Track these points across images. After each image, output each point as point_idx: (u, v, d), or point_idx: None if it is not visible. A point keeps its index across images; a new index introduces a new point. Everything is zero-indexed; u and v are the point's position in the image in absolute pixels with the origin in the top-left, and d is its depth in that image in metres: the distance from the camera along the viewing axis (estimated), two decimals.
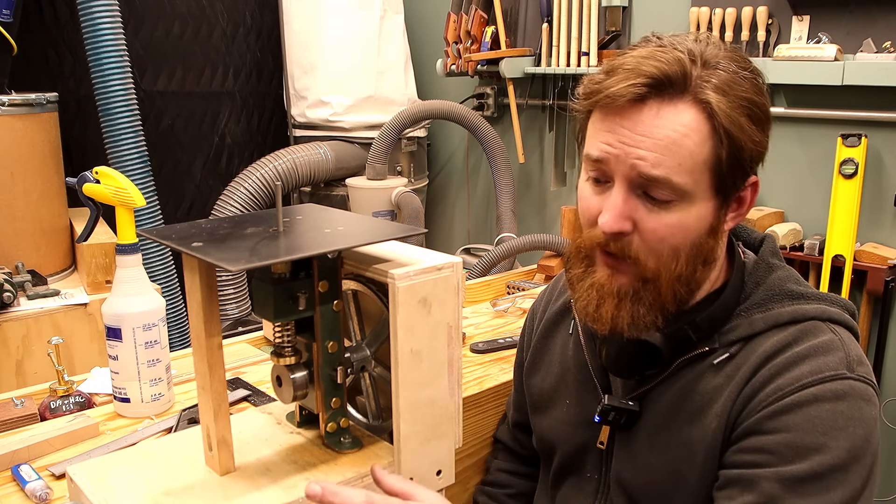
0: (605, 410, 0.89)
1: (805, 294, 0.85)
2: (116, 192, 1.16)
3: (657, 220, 0.78)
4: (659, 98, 0.76)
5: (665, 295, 0.81)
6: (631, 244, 0.80)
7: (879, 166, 2.12)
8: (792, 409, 0.77)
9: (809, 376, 0.78)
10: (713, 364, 0.84)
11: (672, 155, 0.75)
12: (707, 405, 0.83)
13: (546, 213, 3.13)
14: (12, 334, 1.90)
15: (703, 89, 0.75)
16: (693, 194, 0.77)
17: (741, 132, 0.76)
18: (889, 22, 2.03)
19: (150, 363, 1.16)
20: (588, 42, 2.68)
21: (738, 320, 0.84)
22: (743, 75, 0.77)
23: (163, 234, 0.78)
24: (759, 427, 0.79)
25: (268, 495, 0.77)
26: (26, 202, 2.12)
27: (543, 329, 1.05)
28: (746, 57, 0.81)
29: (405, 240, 0.83)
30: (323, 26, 3.00)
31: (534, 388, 1.05)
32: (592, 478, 0.95)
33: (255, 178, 2.84)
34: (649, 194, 0.78)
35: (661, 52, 0.76)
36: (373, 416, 0.92)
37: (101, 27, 2.35)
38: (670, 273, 0.80)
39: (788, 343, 0.81)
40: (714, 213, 0.80)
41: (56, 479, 1.00)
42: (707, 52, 0.78)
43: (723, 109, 0.75)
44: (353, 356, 0.85)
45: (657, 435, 0.87)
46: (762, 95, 0.79)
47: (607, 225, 0.79)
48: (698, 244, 0.80)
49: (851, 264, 2.06)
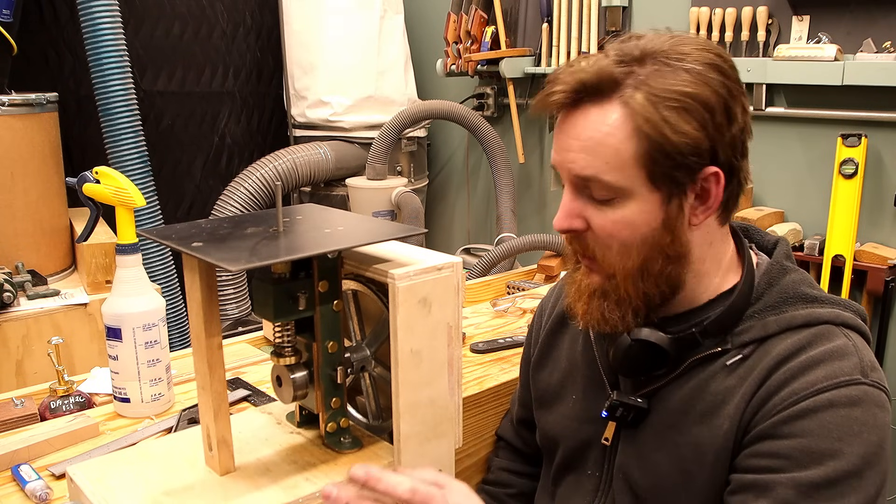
0: (612, 406, 0.89)
1: (819, 298, 0.85)
2: (116, 192, 1.16)
3: (603, 217, 0.81)
4: (589, 102, 0.80)
5: (627, 291, 0.84)
6: (588, 243, 0.84)
7: (879, 166, 2.12)
8: (807, 414, 0.77)
9: (824, 381, 0.78)
10: (726, 365, 0.84)
11: (597, 155, 0.79)
12: (719, 406, 0.83)
13: (546, 213, 3.13)
14: (12, 334, 1.90)
15: (629, 88, 0.78)
16: (630, 190, 0.79)
17: (665, 126, 0.76)
18: (889, 22, 2.03)
19: (150, 363, 1.16)
20: (588, 42, 2.68)
21: (752, 322, 0.84)
22: (682, 66, 0.78)
23: (163, 234, 0.78)
24: (773, 432, 0.79)
25: (268, 495, 0.77)
26: (26, 202, 2.12)
27: (552, 325, 1.05)
28: (708, 44, 0.81)
29: (405, 240, 0.83)
30: (323, 26, 3.00)
31: (540, 382, 1.05)
32: (593, 475, 0.95)
33: (255, 178, 2.84)
34: (592, 194, 0.81)
35: (587, 63, 0.81)
36: (373, 416, 0.92)
37: (101, 27, 2.35)
38: (625, 268, 0.83)
39: (802, 346, 0.81)
40: (661, 207, 0.80)
41: (56, 479, 1.00)
42: (657, 47, 0.79)
43: (642, 105, 0.77)
44: (353, 356, 0.85)
45: (666, 434, 0.87)
46: (701, 84, 0.77)
47: (556, 223, 0.85)
48: (651, 239, 0.81)
49: (851, 264, 2.06)
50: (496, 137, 2.96)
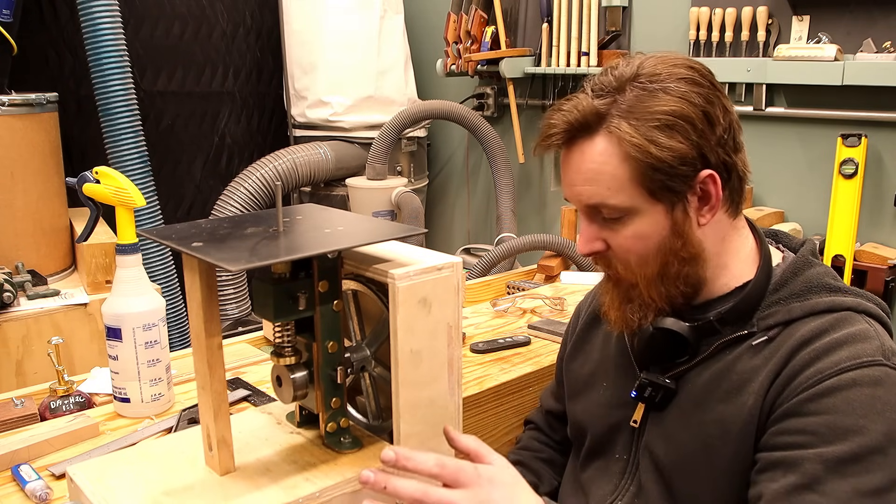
0: (642, 385, 0.93)
1: (842, 288, 0.90)
2: (116, 192, 1.16)
3: (618, 236, 0.89)
4: (581, 138, 0.87)
5: (650, 295, 0.91)
6: (610, 259, 0.92)
7: (879, 166, 2.12)
8: (832, 391, 0.80)
9: (847, 361, 0.81)
10: (752, 346, 0.88)
11: (599, 183, 0.86)
12: (744, 384, 0.87)
13: (546, 213, 3.13)
14: (12, 334, 1.90)
15: (612, 118, 0.85)
16: (635, 207, 0.87)
17: (652, 145, 0.83)
18: (889, 22, 2.03)
19: (150, 363, 1.16)
20: (588, 42, 2.68)
21: (777, 307, 0.89)
22: (659, 87, 0.84)
23: (163, 234, 0.78)
24: (799, 409, 0.82)
25: (268, 495, 0.77)
26: (26, 202, 2.12)
27: (586, 321, 1.11)
28: (682, 60, 0.88)
29: (405, 240, 0.83)
30: (323, 26, 3.00)
31: (572, 373, 1.10)
32: (621, 458, 0.98)
33: (255, 178, 2.84)
34: (603, 217, 0.89)
35: (570, 103, 0.88)
36: (373, 416, 0.92)
37: (101, 27, 2.35)
38: (645, 276, 0.90)
39: (825, 329, 0.85)
40: (666, 216, 0.87)
41: (56, 479, 1.00)
42: (632, 72, 0.86)
43: (626, 132, 0.84)
44: (353, 356, 0.85)
45: (692, 412, 0.90)
46: (680, 101, 0.84)
47: (579, 249, 0.93)
48: (664, 245, 0.88)
49: (851, 264, 2.06)
50: (496, 137, 2.96)
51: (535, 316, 1.68)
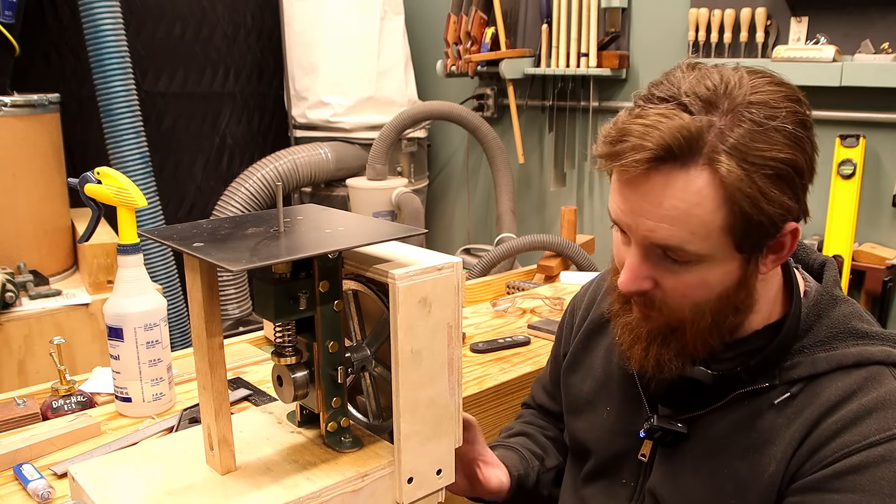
0: (652, 430, 0.87)
1: (870, 333, 0.82)
2: (118, 193, 1.16)
3: (678, 280, 0.77)
4: (671, 164, 0.71)
5: (692, 344, 0.81)
6: (654, 298, 0.80)
7: (877, 167, 2.12)
8: (859, 469, 0.74)
9: (877, 434, 0.75)
10: (773, 403, 0.81)
11: (682, 225, 0.72)
12: (764, 445, 0.80)
13: (546, 213, 3.13)
14: (14, 334, 1.91)
15: (717, 153, 0.70)
16: (713, 256, 0.75)
17: (758, 197, 0.71)
18: (887, 23, 2.04)
19: (151, 363, 1.16)
20: (588, 43, 2.68)
21: (800, 357, 0.81)
22: (774, 126, 0.71)
23: (164, 234, 0.78)
24: (823, 485, 0.76)
25: (268, 494, 0.77)
26: (28, 202, 2.12)
27: (588, 329, 1.03)
28: (787, 88, 0.75)
29: (405, 240, 0.83)
30: (323, 27, 3.00)
31: (572, 388, 1.03)
32: (628, 485, 0.93)
33: (255, 178, 2.85)
34: (668, 255, 0.76)
35: (667, 120, 0.71)
36: (373, 416, 0.93)
37: (102, 28, 2.36)
38: (696, 326, 0.79)
39: (854, 391, 0.78)
40: (740, 269, 0.77)
41: (58, 478, 1.01)
42: (737, 93, 0.72)
43: (736, 175, 0.70)
44: (353, 356, 0.85)
45: (703, 461, 0.84)
46: (795, 147, 0.72)
47: (623, 285, 0.79)
48: (725, 297, 0.78)
49: (850, 264, 2.07)
50: (496, 138, 2.96)
51: (535, 316, 1.68)
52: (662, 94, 0.74)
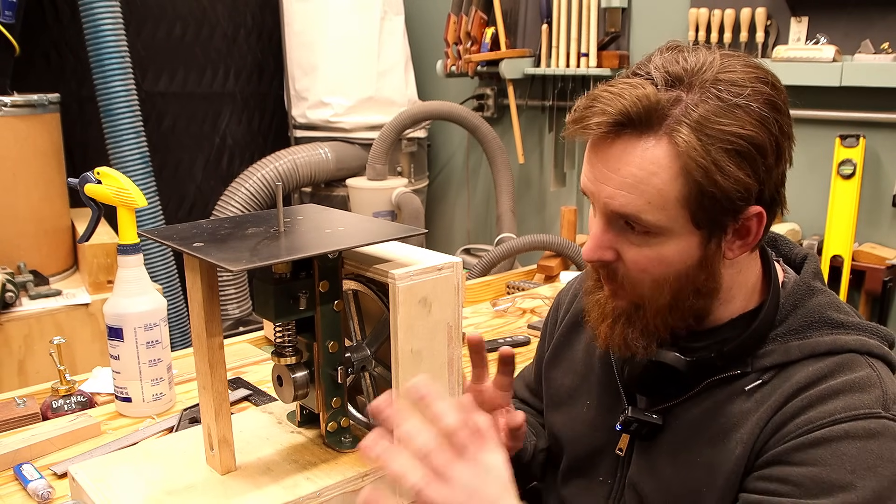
0: (627, 421, 0.87)
1: (845, 323, 0.82)
2: (118, 193, 1.16)
3: (638, 252, 0.78)
4: (631, 133, 0.74)
5: (654, 323, 0.81)
6: (617, 271, 0.81)
7: (877, 167, 2.12)
8: (821, 443, 0.74)
9: (842, 412, 0.75)
10: (744, 390, 0.81)
11: (639, 193, 0.74)
12: (732, 429, 0.81)
13: (546, 213, 3.13)
14: (14, 334, 1.91)
15: (679, 125, 0.72)
16: (670, 229, 0.75)
17: (713, 169, 0.72)
18: (887, 23, 2.04)
19: (151, 363, 1.16)
20: (587, 43, 2.68)
21: (774, 345, 0.82)
22: (738, 102, 0.72)
23: (164, 234, 0.78)
24: (785, 457, 0.76)
25: (268, 494, 0.77)
26: (28, 202, 2.12)
27: (569, 323, 1.03)
28: (760, 70, 0.76)
29: (405, 240, 0.83)
30: (323, 27, 3.00)
31: (552, 381, 1.03)
32: (605, 482, 0.93)
33: (255, 178, 2.85)
34: (626, 227, 0.77)
35: (631, 89, 0.73)
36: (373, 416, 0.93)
37: (102, 28, 2.36)
38: (655, 303, 0.80)
39: (824, 375, 0.78)
40: (700, 247, 0.77)
41: (58, 478, 1.01)
42: (708, 71, 0.74)
43: (691, 146, 0.71)
44: (353, 356, 0.85)
45: (678, 451, 0.85)
46: (758, 126, 0.73)
47: (585, 253, 0.81)
48: (685, 276, 0.78)
49: (850, 264, 2.07)
50: (496, 138, 2.96)
51: (535, 316, 1.68)
52: (637, 70, 0.77)
